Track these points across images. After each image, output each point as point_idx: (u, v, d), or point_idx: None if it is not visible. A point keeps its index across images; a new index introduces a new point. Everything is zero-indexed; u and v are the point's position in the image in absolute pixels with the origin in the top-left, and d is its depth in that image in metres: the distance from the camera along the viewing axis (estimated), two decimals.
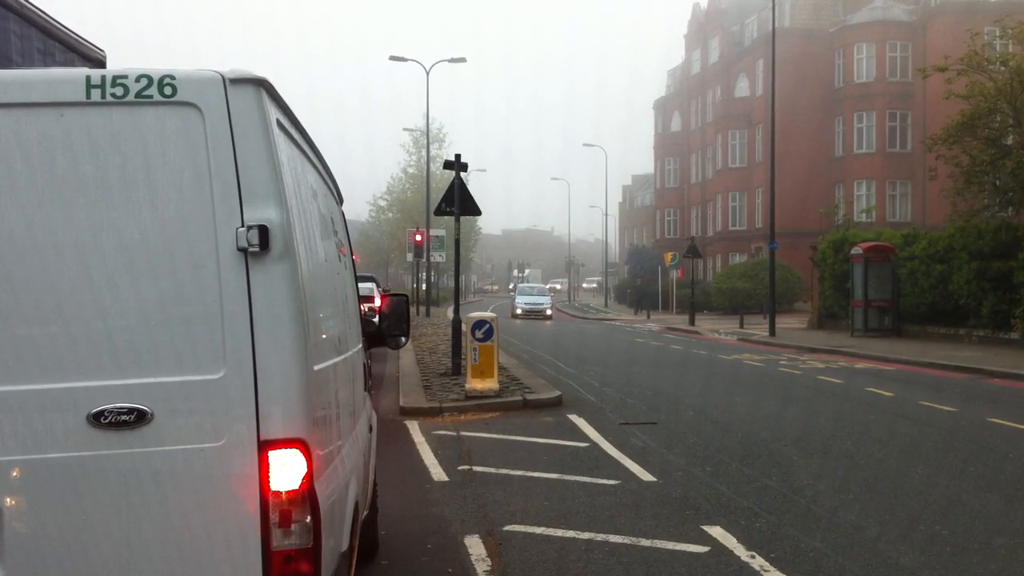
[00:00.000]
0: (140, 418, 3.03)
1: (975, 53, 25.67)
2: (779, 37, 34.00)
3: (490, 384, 13.53)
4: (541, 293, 53.98)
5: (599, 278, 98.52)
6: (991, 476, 8.92)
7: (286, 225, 3.14)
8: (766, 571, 5.90)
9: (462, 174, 16.64)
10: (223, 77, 3.14)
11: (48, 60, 8.51)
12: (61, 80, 3.19)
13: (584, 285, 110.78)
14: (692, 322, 37.30)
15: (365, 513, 5.17)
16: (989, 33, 29.58)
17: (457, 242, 17.98)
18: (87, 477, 3.03)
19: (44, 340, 3.04)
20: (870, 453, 9.95)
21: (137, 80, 3.12)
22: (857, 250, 29.10)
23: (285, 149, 3.42)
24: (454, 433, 11.15)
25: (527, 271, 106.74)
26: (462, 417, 12.42)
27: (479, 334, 13.54)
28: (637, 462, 9.24)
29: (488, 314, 14.56)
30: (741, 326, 34.03)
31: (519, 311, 49.15)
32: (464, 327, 14.57)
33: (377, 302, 17.53)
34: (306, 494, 3.12)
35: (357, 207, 68.92)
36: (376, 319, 6.09)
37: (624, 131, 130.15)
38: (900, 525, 7.05)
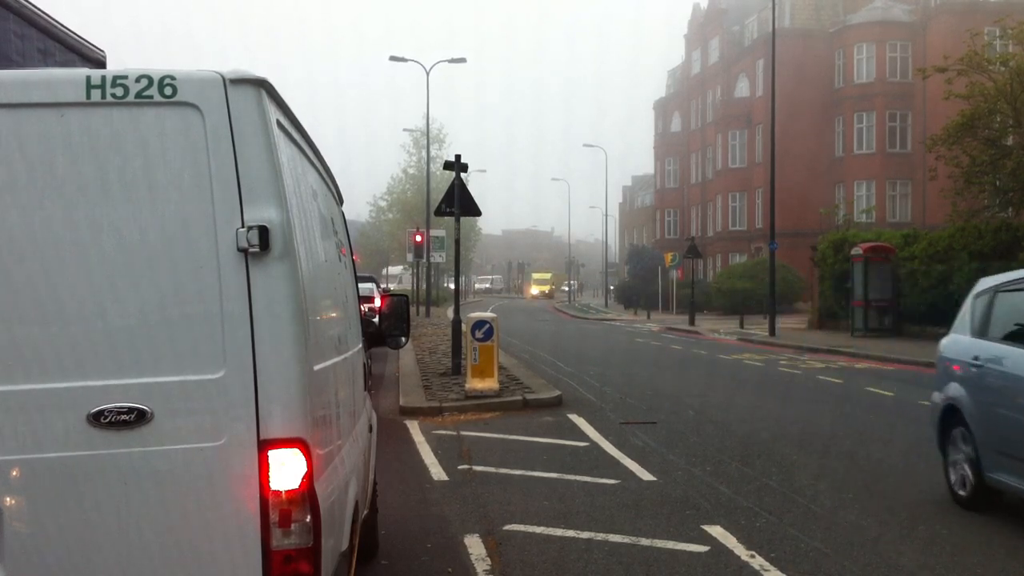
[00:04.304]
0: (140, 418, 3.04)
1: (975, 53, 25.66)
2: (779, 37, 34.01)
3: (490, 384, 13.53)
4: None
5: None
6: None
7: (286, 225, 3.14)
8: (766, 571, 5.90)
9: (462, 174, 16.65)
10: (223, 77, 3.14)
11: (48, 60, 8.50)
12: (61, 80, 3.19)
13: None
14: (692, 322, 37.28)
15: (365, 513, 5.17)
16: (989, 33, 29.56)
17: (457, 242, 17.98)
18: (87, 477, 3.03)
19: (44, 340, 3.04)
20: (870, 453, 9.95)
21: (137, 80, 3.12)
22: (857, 250, 29.09)
23: (285, 149, 3.42)
24: (454, 433, 11.15)
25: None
26: (462, 417, 12.43)
27: (479, 334, 13.55)
28: (637, 462, 9.24)
29: (488, 314, 14.56)
30: (741, 326, 34.03)
31: None
32: (464, 327, 14.58)
33: (377, 302, 17.56)
34: (306, 494, 3.12)
35: (357, 207, 69.02)
36: (376, 319, 6.10)
37: (624, 131, 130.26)
38: (900, 525, 7.05)
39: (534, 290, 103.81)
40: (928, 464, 9.41)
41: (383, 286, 42.00)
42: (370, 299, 19.80)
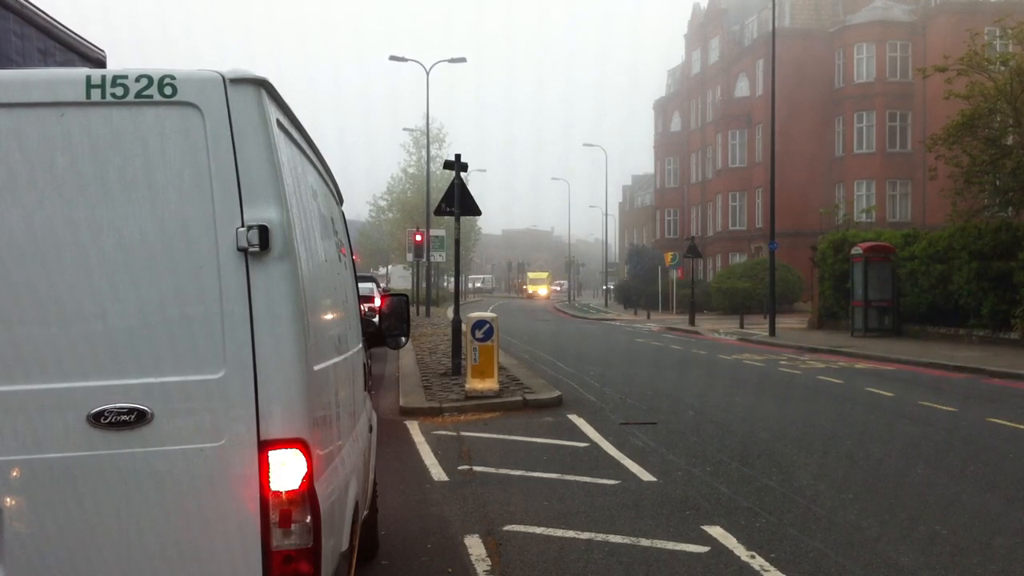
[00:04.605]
0: (140, 418, 3.03)
1: (975, 53, 25.66)
2: (779, 37, 34.00)
3: (490, 384, 13.53)
4: None
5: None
6: (991, 476, 8.91)
7: (286, 225, 3.14)
8: (766, 571, 5.90)
9: (462, 174, 16.65)
10: (223, 77, 3.14)
11: (48, 60, 8.50)
12: (61, 80, 3.19)
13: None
14: (692, 322, 37.28)
15: (365, 513, 5.17)
16: (989, 33, 29.58)
17: (457, 242, 17.98)
18: (87, 477, 3.03)
19: (44, 340, 3.04)
20: (870, 453, 9.95)
21: (137, 80, 3.12)
22: (857, 250, 29.09)
23: (285, 149, 3.42)
24: (454, 433, 11.15)
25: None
26: (462, 417, 12.42)
27: (479, 334, 13.54)
28: (637, 462, 9.24)
29: (488, 314, 14.56)
30: (741, 326, 34.02)
31: None
32: (464, 327, 14.57)
33: (377, 302, 17.55)
34: (306, 494, 3.12)
35: (357, 207, 69.11)
36: (376, 319, 6.09)
37: (624, 131, 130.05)
38: (900, 525, 7.05)
39: (530, 290, 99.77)
40: (927, 464, 9.42)
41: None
42: (370, 299, 19.80)
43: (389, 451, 9.55)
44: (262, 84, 3.21)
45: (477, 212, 17.19)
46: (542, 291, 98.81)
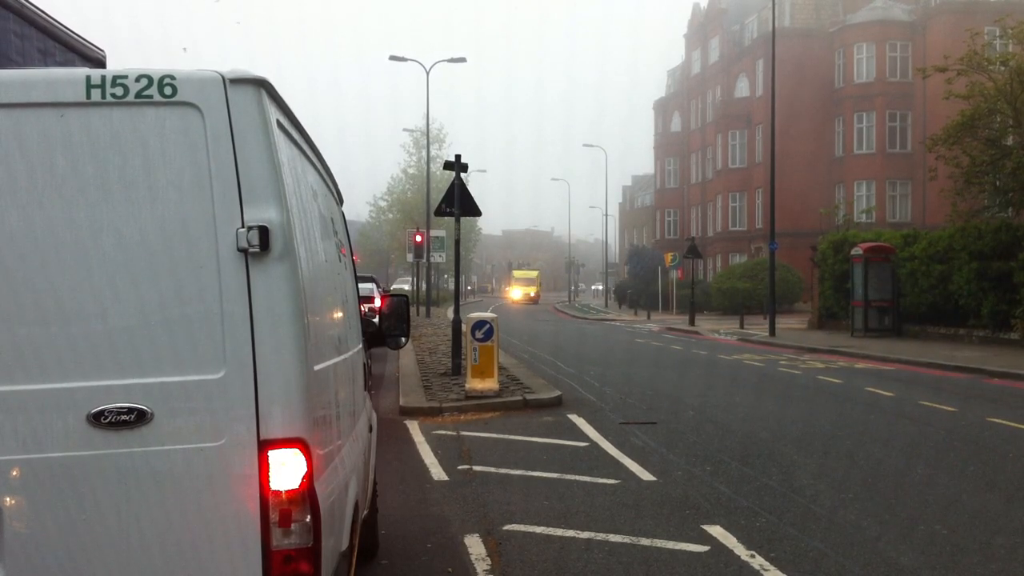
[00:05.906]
0: (140, 418, 3.04)
1: (975, 53, 25.67)
2: (779, 37, 34.00)
3: (490, 384, 13.53)
4: None
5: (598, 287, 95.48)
6: (991, 476, 8.92)
7: (286, 225, 3.14)
8: (766, 571, 5.90)
9: (462, 174, 16.65)
10: (223, 77, 3.14)
11: (48, 60, 8.51)
12: (61, 80, 3.19)
13: (595, 287, 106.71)
14: (692, 322, 37.27)
15: (365, 513, 5.17)
16: (989, 33, 29.59)
17: (457, 242, 17.98)
18: (87, 477, 3.03)
19: (44, 340, 3.04)
20: (870, 453, 9.95)
21: (137, 80, 3.12)
22: (857, 250, 29.09)
23: (285, 149, 3.42)
24: (454, 433, 11.15)
25: None
26: (462, 417, 12.42)
27: (479, 334, 13.55)
28: (637, 462, 9.24)
29: (488, 314, 14.56)
30: (741, 326, 34.01)
31: None
32: (464, 327, 14.58)
33: (377, 302, 17.56)
34: (306, 494, 3.13)
35: (357, 207, 69.15)
36: (376, 319, 6.10)
37: (624, 131, 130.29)
38: (900, 525, 7.05)
39: (516, 292, 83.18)
40: (927, 464, 9.42)
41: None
42: (370, 299, 19.80)
43: (389, 451, 9.55)
44: (262, 84, 3.21)
45: (477, 212, 17.20)
46: (531, 293, 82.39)
